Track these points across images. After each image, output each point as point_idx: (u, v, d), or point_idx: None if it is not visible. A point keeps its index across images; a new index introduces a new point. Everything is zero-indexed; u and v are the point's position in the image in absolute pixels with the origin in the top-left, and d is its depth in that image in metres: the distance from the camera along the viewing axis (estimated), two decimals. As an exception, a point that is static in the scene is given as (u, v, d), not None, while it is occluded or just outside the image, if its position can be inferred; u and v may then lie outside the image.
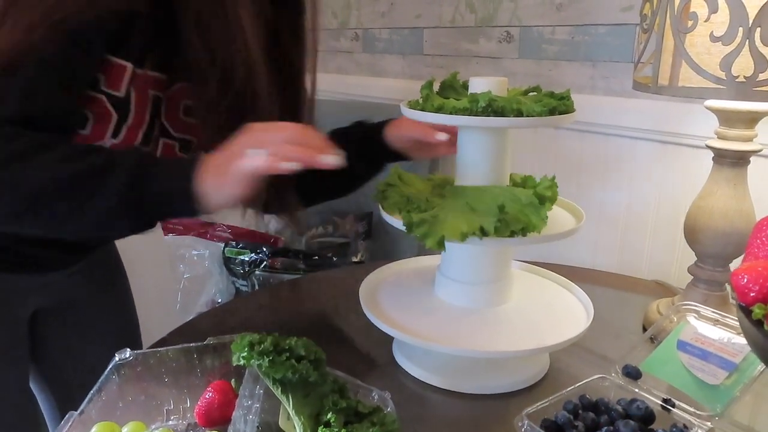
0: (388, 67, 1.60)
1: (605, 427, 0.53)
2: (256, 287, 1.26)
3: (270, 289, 1.02)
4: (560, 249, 1.21)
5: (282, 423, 0.54)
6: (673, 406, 0.55)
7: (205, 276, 1.42)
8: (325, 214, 1.40)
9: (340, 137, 0.74)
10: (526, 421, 0.52)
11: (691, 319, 0.66)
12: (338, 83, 1.74)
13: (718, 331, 0.63)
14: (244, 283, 1.29)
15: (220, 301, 1.35)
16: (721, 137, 0.74)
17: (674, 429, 0.52)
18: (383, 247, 1.43)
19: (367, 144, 0.82)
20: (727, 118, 0.72)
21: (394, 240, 1.43)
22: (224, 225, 1.39)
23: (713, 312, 0.66)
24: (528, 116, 0.59)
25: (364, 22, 1.63)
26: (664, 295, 0.90)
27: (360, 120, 0.87)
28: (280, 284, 1.01)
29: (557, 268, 0.83)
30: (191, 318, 1.38)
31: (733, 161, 0.73)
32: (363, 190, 1.48)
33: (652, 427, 0.54)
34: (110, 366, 0.60)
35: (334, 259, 1.28)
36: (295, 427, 0.52)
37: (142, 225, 0.60)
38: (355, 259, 1.34)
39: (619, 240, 1.16)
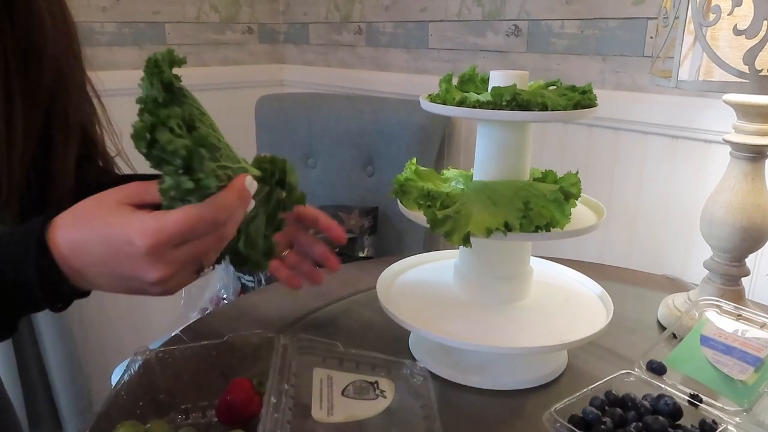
0: (392, 61, 1.59)
1: (633, 423, 0.53)
2: (263, 283, 1.25)
3: (278, 285, 1.01)
4: (569, 244, 1.21)
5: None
6: (701, 401, 0.55)
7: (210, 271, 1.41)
8: (330, 209, 1.39)
9: None
10: (557, 418, 0.51)
11: (712, 314, 0.66)
12: (341, 77, 1.73)
13: (740, 325, 0.63)
14: (250, 278, 1.28)
15: (225, 296, 1.34)
16: (739, 131, 0.73)
17: (704, 425, 0.52)
18: (389, 242, 1.43)
19: None
20: (746, 112, 0.72)
21: (400, 235, 1.43)
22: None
23: (734, 307, 0.66)
24: (553, 110, 0.59)
25: (368, 15, 1.62)
26: (675, 289, 0.89)
27: None
28: (289, 280, 1.00)
29: (567, 264, 0.82)
30: (196, 314, 1.38)
31: (752, 156, 0.73)
32: (368, 185, 1.48)
33: (680, 422, 0.54)
34: (129, 364, 0.60)
35: (342, 254, 1.27)
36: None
37: None
38: (361, 254, 1.33)
39: (629, 235, 1.16)
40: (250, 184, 0.48)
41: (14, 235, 0.46)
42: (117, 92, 0.73)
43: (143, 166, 0.73)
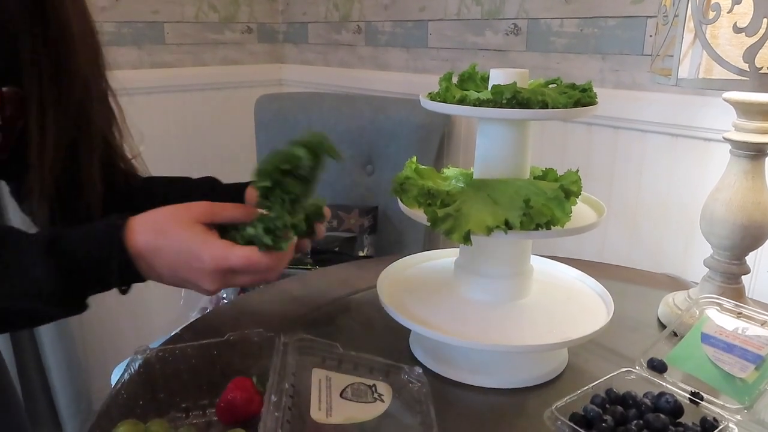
0: (391, 61, 1.59)
1: (635, 421, 0.53)
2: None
3: (278, 284, 1.01)
4: (569, 243, 1.21)
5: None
6: (702, 399, 0.55)
7: (209, 271, 1.40)
8: (330, 208, 1.39)
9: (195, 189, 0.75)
10: (558, 416, 0.51)
11: (713, 312, 0.66)
12: (341, 77, 1.73)
13: (741, 323, 0.63)
14: (250, 278, 1.28)
15: (225, 296, 1.34)
16: (739, 129, 0.73)
17: (705, 422, 0.52)
18: (389, 242, 1.43)
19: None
20: (746, 110, 0.72)
21: (400, 234, 1.43)
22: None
23: (735, 305, 0.66)
24: (554, 108, 0.59)
25: (367, 14, 1.62)
26: (675, 288, 0.89)
27: (211, 176, 0.80)
28: (288, 279, 1.00)
29: (567, 262, 0.82)
30: (196, 313, 1.38)
31: (752, 154, 0.73)
32: (367, 184, 1.48)
33: (680, 420, 0.54)
34: (129, 363, 0.59)
35: (342, 253, 1.27)
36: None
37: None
38: (361, 254, 1.33)
39: (629, 233, 1.16)
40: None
41: (95, 231, 0.55)
42: (115, 92, 0.74)
43: (156, 168, 0.78)
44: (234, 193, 0.74)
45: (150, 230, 0.55)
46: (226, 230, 0.57)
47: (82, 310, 0.57)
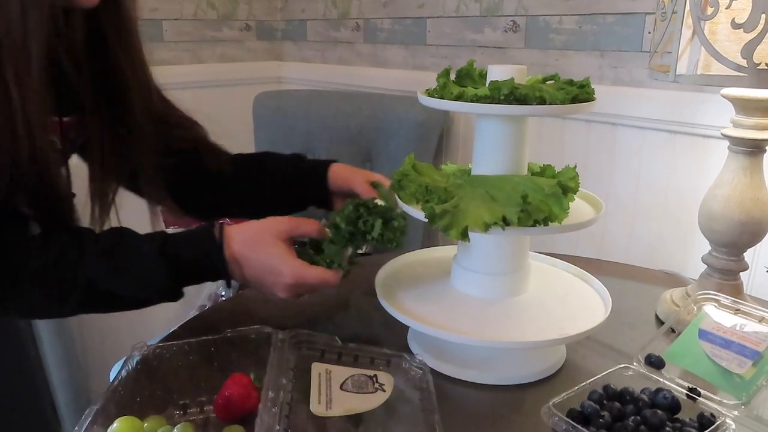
0: (390, 58, 1.58)
1: (632, 417, 0.53)
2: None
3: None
4: (567, 239, 1.21)
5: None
6: (699, 395, 0.55)
7: (208, 269, 1.40)
8: (329, 205, 1.39)
9: (280, 166, 0.85)
10: (555, 412, 0.51)
11: (711, 308, 0.66)
12: (339, 74, 1.73)
13: (738, 320, 0.63)
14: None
15: (223, 294, 1.34)
16: (737, 125, 0.73)
17: (703, 418, 0.52)
18: (387, 239, 1.42)
19: (307, 182, 0.84)
20: (744, 106, 0.72)
21: (398, 231, 1.42)
22: (228, 219, 1.37)
23: (733, 301, 0.66)
24: (551, 104, 0.59)
25: (366, 11, 1.62)
26: (673, 284, 0.90)
27: (299, 153, 0.89)
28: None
29: (565, 259, 0.82)
30: (194, 312, 1.38)
31: (750, 150, 0.73)
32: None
33: (678, 416, 0.54)
34: (127, 360, 0.59)
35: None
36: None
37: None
38: (360, 251, 1.33)
39: (627, 230, 1.16)
40: None
41: (197, 237, 0.67)
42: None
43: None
44: (319, 170, 0.83)
45: (243, 241, 0.66)
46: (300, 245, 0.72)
47: (179, 299, 0.68)
